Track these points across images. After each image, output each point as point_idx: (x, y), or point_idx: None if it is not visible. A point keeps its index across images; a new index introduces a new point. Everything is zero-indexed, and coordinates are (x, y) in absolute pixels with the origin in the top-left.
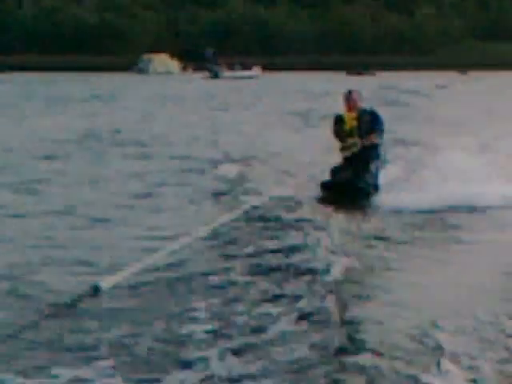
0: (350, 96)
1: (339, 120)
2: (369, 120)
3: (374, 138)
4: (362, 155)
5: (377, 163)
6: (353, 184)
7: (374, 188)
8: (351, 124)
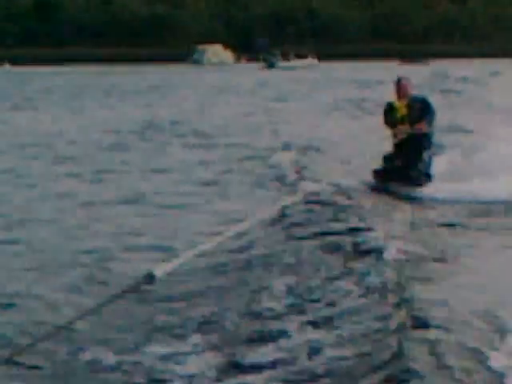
0: (401, 83)
1: (390, 108)
2: (419, 108)
3: (423, 127)
4: (414, 143)
5: (429, 152)
6: (405, 172)
7: (427, 177)
8: (402, 112)
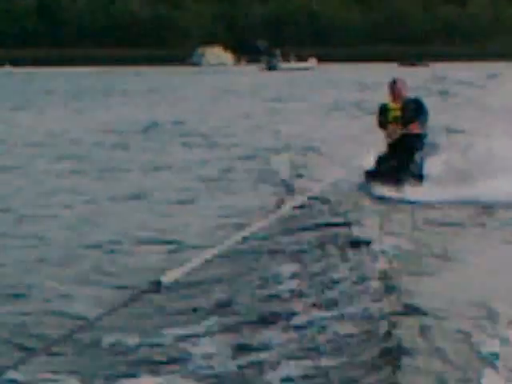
0: (395, 85)
1: (384, 109)
2: (413, 109)
3: (416, 128)
4: (406, 144)
5: (421, 153)
6: (397, 174)
7: (419, 178)
8: (395, 113)
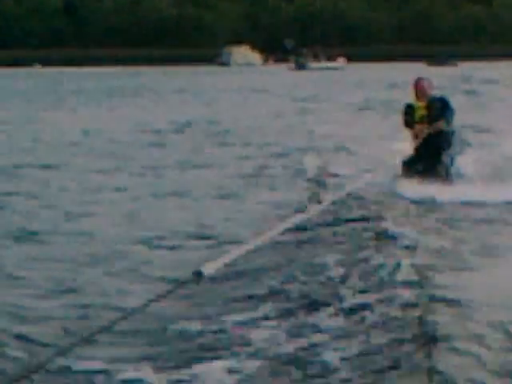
0: (420, 84)
1: (409, 109)
2: (439, 107)
3: (442, 125)
4: (433, 144)
5: (449, 153)
6: (423, 178)
7: (447, 178)
8: (421, 112)
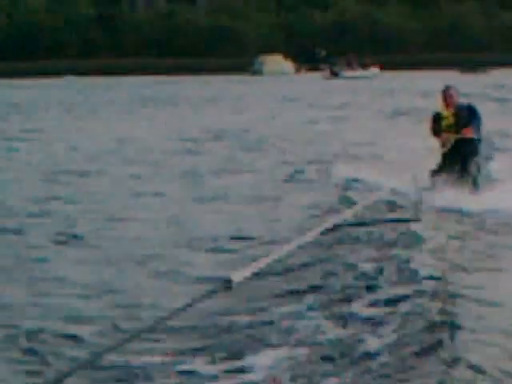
0: (447, 93)
1: (437, 117)
2: (466, 115)
3: (470, 132)
4: (460, 151)
5: (476, 161)
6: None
7: (474, 187)
8: (449, 121)
